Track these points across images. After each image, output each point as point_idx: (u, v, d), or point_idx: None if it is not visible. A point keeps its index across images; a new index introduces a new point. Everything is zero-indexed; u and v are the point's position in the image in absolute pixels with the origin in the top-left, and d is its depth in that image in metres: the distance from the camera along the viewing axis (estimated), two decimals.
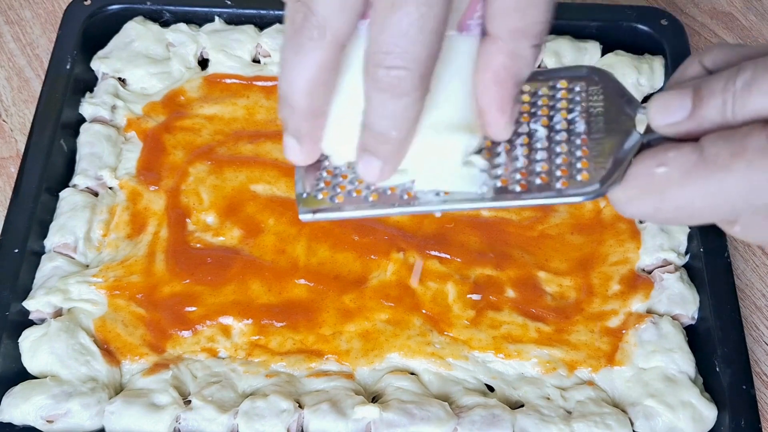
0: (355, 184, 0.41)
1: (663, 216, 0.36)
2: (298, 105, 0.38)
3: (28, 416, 0.61)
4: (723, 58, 0.37)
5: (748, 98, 0.33)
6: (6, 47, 0.90)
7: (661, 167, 0.35)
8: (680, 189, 0.35)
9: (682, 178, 0.35)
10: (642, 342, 0.66)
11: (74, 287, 0.68)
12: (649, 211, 0.36)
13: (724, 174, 0.33)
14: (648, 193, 0.36)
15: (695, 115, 0.35)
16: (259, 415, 0.61)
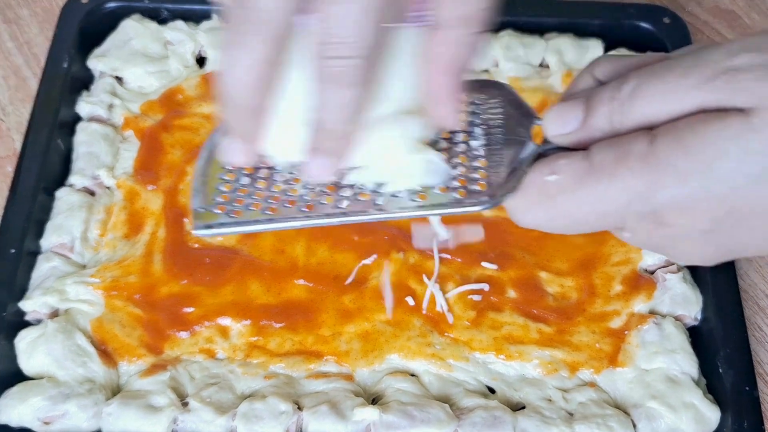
0: (253, 197, 0.41)
1: (556, 224, 0.37)
2: (239, 103, 0.37)
3: (25, 418, 0.61)
4: (612, 69, 0.38)
5: (632, 106, 0.34)
6: (3, 46, 0.89)
7: (552, 175, 0.36)
8: (571, 196, 0.35)
9: (572, 185, 0.35)
10: (644, 343, 0.65)
11: (71, 288, 0.67)
12: (543, 220, 0.37)
13: (609, 180, 0.34)
14: (541, 202, 0.37)
15: (586, 125, 0.36)
16: (257, 417, 0.60)
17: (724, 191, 0.32)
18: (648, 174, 0.33)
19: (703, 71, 0.33)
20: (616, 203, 0.34)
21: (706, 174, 0.32)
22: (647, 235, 0.36)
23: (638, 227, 0.35)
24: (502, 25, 0.83)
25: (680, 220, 0.34)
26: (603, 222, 0.36)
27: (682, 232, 0.34)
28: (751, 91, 0.31)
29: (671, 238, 0.35)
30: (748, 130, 0.31)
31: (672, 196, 0.33)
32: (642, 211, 0.34)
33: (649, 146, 0.33)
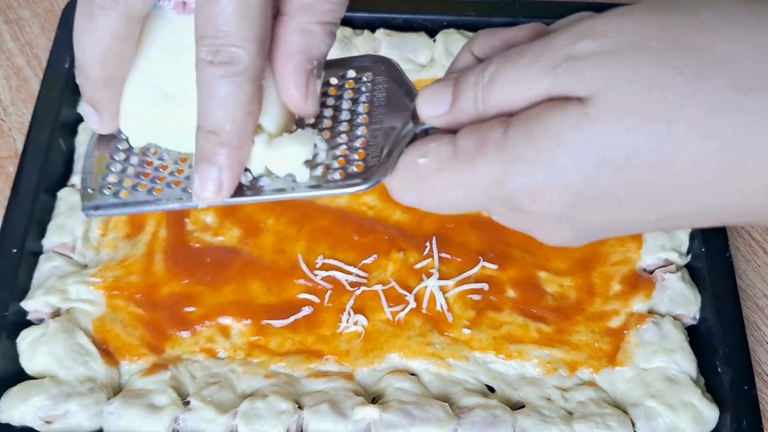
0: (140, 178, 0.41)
1: (428, 204, 0.37)
2: (91, 73, 0.38)
3: (27, 417, 0.61)
4: (488, 45, 0.38)
5: (491, 92, 0.35)
6: (4, 46, 0.89)
7: (422, 158, 0.36)
8: (437, 180, 0.36)
9: (439, 169, 0.36)
10: (643, 342, 0.66)
11: (73, 287, 0.68)
12: (415, 201, 0.38)
13: (469, 168, 0.35)
14: (412, 183, 0.37)
15: (454, 108, 0.36)
16: (258, 416, 0.61)
17: (569, 180, 0.33)
18: (501, 163, 0.34)
19: (549, 58, 0.33)
20: (476, 189, 0.35)
21: (550, 163, 0.33)
22: (510, 218, 0.37)
23: (500, 211, 0.36)
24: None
25: (533, 207, 0.34)
26: (469, 206, 0.36)
27: (539, 218, 0.35)
28: (588, 79, 0.32)
29: (531, 222, 0.36)
30: (585, 120, 0.31)
31: (521, 184, 0.34)
32: (499, 197, 0.35)
33: (503, 135, 0.34)
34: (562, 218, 0.35)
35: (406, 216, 0.74)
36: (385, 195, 0.74)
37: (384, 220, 0.74)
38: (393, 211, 0.74)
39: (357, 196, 0.75)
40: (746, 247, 0.77)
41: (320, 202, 0.75)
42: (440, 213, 0.38)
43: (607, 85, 0.31)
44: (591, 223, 0.35)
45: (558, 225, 0.35)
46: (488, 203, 0.36)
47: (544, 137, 0.32)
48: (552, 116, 0.32)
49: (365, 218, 0.74)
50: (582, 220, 0.35)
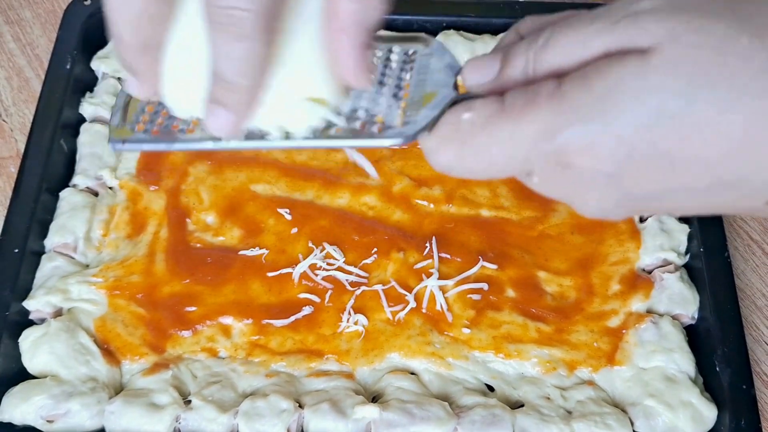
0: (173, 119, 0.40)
1: (466, 164, 0.36)
2: (124, 38, 0.36)
3: (28, 416, 0.61)
4: (535, 25, 0.38)
5: (544, 56, 0.34)
6: (6, 47, 0.90)
7: (466, 113, 0.36)
8: (480, 135, 0.35)
9: (483, 124, 0.35)
10: (642, 342, 0.66)
11: (74, 287, 0.68)
12: (454, 159, 0.37)
13: (517, 119, 0.34)
14: (453, 140, 0.36)
15: (502, 75, 0.36)
16: (259, 415, 0.61)
17: (625, 130, 0.32)
18: (553, 112, 0.33)
19: (609, 17, 0.33)
20: (523, 142, 0.34)
21: (607, 112, 0.32)
22: (554, 179, 0.35)
23: (545, 170, 0.35)
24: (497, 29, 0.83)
25: (584, 161, 0.33)
26: (512, 164, 0.35)
27: (587, 176, 0.34)
28: (650, 31, 0.32)
29: (577, 183, 0.35)
30: (646, 68, 0.31)
31: (575, 133, 0.33)
32: (547, 151, 0.34)
33: (557, 88, 0.33)
34: (612, 177, 0.33)
35: (406, 216, 0.74)
36: (386, 195, 0.75)
37: (384, 220, 0.74)
38: (393, 211, 0.75)
39: (357, 196, 0.75)
40: (744, 247, 0.77)
41: (320, 202, 0.75)
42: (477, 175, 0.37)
43: (670, 36, 0.31)
44: (640, 187, 0.33)
45: (606, 186, 0.34)
46: (534, 159, 0.34)
47: (601, 86, 0.32)
48: (611, 66, 0.32)
49: (365, 218, 0.74)
50: (631, 182, 0.33)
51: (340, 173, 0.77)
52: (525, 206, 0.75)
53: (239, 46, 0.34)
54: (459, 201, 0.75)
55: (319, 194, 0.76)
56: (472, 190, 0.76)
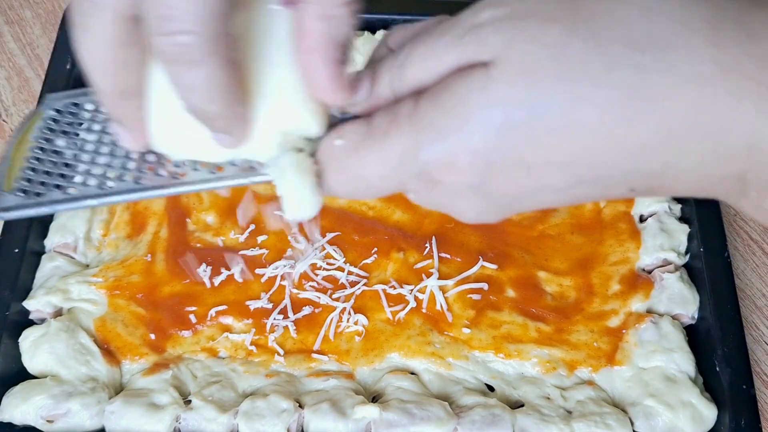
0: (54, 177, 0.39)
1: (346, 189, 0.37)
2: (102, 88, 0.36)
3: (28, 416, 0.61)
4: (401, 37, 0.38)
5: (405, 73, 0.35)
6: (6, 47, 0.90)
7: (338, 140, 0.36)
8: (354, 159, 0.36)
9: (355, 148, 0.36)
10: (642, 342, 0.66)
11: (74, 287, 0.68)
12: (333, 185, 0.37)
13: (382, 142, 0.35)
14: (332, 167, 0.37)
15: (373, 95, 0.37)
16: (259, 415, 0.61)
17: (478, 144, 0.33)
18: (412, 133, 0.34)
19: (455, 30, 0.34)
20: (391, 163, 0.35)
21: (459, 128, 0.33)
22: (427, 194, 0.36)
23: (417, 187, 0.36)
24: None
25: (447, 177, 0.34)
26: (387, 184, 0.36)
27: (454, 189, 0.35)
28: (489, 44, 0.32)
29: (448, 196, 0.36)
30: (488, 82, 0.32)
31: (434, 152, 0.34)
32: (414, 171, 0.35)
33: (414, 107, 0.34)
34: (477, 188, 0.35)
35: (406, 216, 0.74)
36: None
37: (384, 220, 0.74)
38: (393, 211, 0.75)
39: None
40: (745, 247, 0.77)
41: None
42: (361, 197, 0.38)
43: (508, 47, 0.32)
44: (504, 192, 0.35)
45: (473, 196, 0.35)
46: (405, 179, 0.36)
47: (451, 103, 0.33)
48: (458, 82, 0.33)
49: (365, 218, 0.74)
50: (495, 189, 0.35)
51: None
52: None
53: (194, 74, 0.33)
54: None
55: None
56: None
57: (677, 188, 0.34)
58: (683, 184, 0.33)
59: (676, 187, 0.34)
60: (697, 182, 0.33)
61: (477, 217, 0.37)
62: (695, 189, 0.34)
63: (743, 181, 0.32)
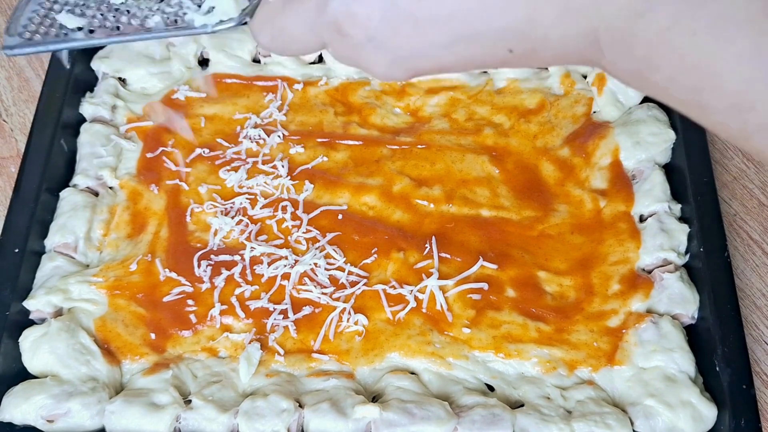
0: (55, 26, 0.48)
1: (277, 42, 0.44)
2: None
3: (29, 416, 0.61)
4: None
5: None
6: None
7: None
8: (281, 15, 0.42)
9: (282, 6, 0.42)
10: (642, 341, 0.66)
11: (74, 287, 0.68)
12: (267, 38, 0.44)
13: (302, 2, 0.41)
14: (266, 22, 0.43)
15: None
16: (259, 415, 0.61)
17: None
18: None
19: None
20: (309, 17, 0.41)
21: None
22: (340, 47, 0.41)
23: (333, 40, 0.41)
24: None
25: (351, 29, 0.40)
26: (309, 38, 0.42)
27: (359, 42, 0.40)
28: None
29: (356, 49, 0.41)
30: None
31: (339, 6, 0.39)
32: (326, 22, 0.40)
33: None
34: (376, 39, 0.39)
35: (406, 216, 0.74)
36: (386, 195, 0.75)
37: (384, 220, 0.74)
38: (393, 211, 0.75)
39: (357, 196, 0.75)
40: (744, 247, 0.78)
41: (321, 201, 0.75)
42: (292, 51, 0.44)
43: None
44: (400, 46, 0.39)
45: (375, 48, 0.40)
46: (320, 31, 0.41)
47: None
48: None
49: (365, 218, 0.74)
50: (392, 43, 0.39)
51: (341, 173, 0.77)
52: (525, 206, 0.75)
53: None
54: (459, 201, 0.75)
55: (320, 194, 0.76)
56: (472, 190, 0.76)
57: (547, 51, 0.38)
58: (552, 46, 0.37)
59: (546, 48, 0.38)
60: (561, 44, 0.37)
61: (385, 72, 0.41)
62: (562, 53, 0.38)
63: (597, 40, 0.36)
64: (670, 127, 0.77)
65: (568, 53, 0.38)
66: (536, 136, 0.80)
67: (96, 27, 0.47)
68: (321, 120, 0.81)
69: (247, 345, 0.66)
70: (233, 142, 0.79)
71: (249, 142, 0.79)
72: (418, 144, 0.79)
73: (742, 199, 0.81)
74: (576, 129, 0.80)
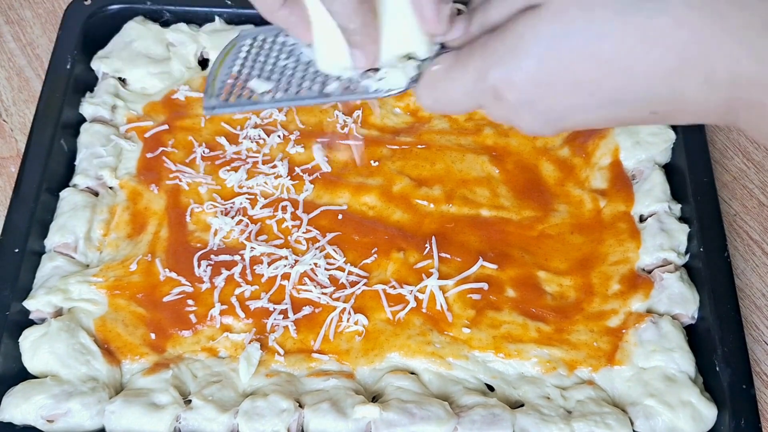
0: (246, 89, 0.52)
1: (440, 106, 0.48)
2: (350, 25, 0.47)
3: (29, 416, 0.61)
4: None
5: (487, 13, 0.45)
6: (6, 47, 0.90)
7: (435, 66, 0.47)
8: (444, 80, 0.46)
9: (445, 73, 0.46)
10: (642, 341, 0.66)
11: (74, 287, 0.68)
12: (431, 102, 0.48)
13: (463, 68, 0.45)
14: (429, 86, 0.47)
15: (468, 33, 0.47)
16: (259, 415, 0.61)
17: (530, 67, 0.42)
18: (482, 60, 0.43)
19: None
20: (469, 83, 0.44)
21: (516, 56, 0.42)
22: (496, 108, 0.45)
23: (489, 103, 0.45)
24: None
25: (508, 94, 0.43)
26: (468, 101, 0.46)
27: (514, 105, 0.44)
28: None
29: (511, 110, 0.45)
30: (537, 20, 0.41)
31: (497, 74, 0.43)
32: (484, 88, 0.44)
33: (486, 40, 0.44)
34: (531, 102, 0.43)
35: (406, 216, 0.74)
36: (386, 195, 0.75)
37: (384, 220, 0.74)
38: (393, 211, 0.75)
39: (357, 196, 0.75)
40: (744, 247, 0.78)
41: (321, 201, 0.75)
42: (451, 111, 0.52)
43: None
44: (552, 109, 0.43)
45: (529, 110, 0.44)
46: (479, 95, 0.45)
47: (511, 36, 0.42)
48: (518, 20, 0.42)
49: (365, 218, 0.74)
50: (544, 105, 0.43)
51: (340, 173, 0.77)
52: (525, 206, 0.75)
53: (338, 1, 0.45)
54: (459, 201, 0.75)
55: (320, 194, 0.76)
56: (472, 190, 0.76)
57: (687, 113, 0.42)
58: (692, 109, 0.41)
59: (686, 112, 0.41)
60: (702, 106, 0.41)
61: (533, 130, 0.46)
62: (701, 114, 0.42)
63: (734, 107, 0.40)
64: (670, 127, 0.77)
65: (707, 115, 0.42)
66: (536, 136, 0.80)
67: (282, 91, 0.51)
68: (321, 120, 0.81)
69: (247, 345, 0.66)
70: (233, 142, 0.79)
71: (249, 142, 0.79)
72: (418, 144, 0.79)
73: (742, 199, 0.81)
74: None
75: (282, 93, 0.51)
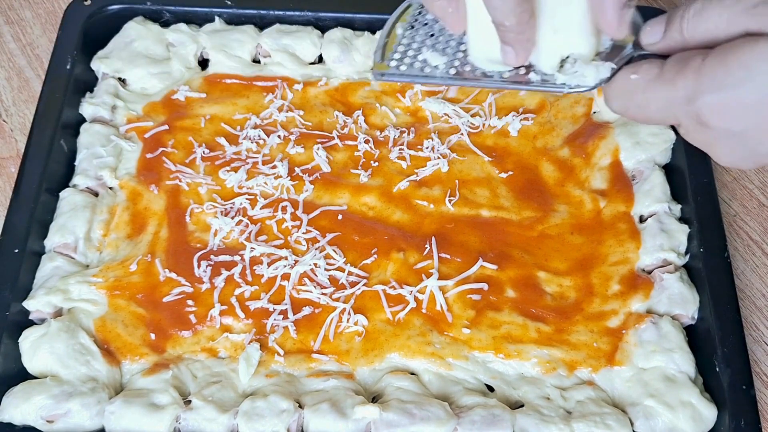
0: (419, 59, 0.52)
1: (630, 113, 0.47)
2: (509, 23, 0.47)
3: (29, 416, 0.61)
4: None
5: (697, 24, 0.44)
6: (6, 47, 0.90)
7: (634, 74, 0.46)
8: (642, 93, 0.46)
9: (645, 85, 0.45)
10: (642, 342, 0.66)
11: (74, 287, 0.68)
12: (622, 108, 0.47)
13: (670, 86, 0.44)
14: (623, 93, 0.47)
15: (665, 38, 0.46)
16: (259, 415, 0.61)
17: (752, 101, 0.41)
18: (696, 83, 0.42)
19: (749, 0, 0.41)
20: (673, 103, 0.44)
21: (737, 86, 0.41)
22: (696, 133, 0.45)
23: (689, 125, 0.44)
24: None
25: (717, 123, 0.42)
26: (663, 117, 0.45)
27: (720, 134, 0.43)
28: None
29: (713, 138, 0.44)
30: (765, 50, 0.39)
31: (711, 101, 0.42)
32: (690, 112, 0.43)
33: (702, 62, 0.42)
34: (740, 135, 0.42)
35: (406, 216, 0.74)
36: (386, 195, 0.75)
37: (384, 220, 0.74)
38: (393, 211, 0.75)
39: (357, 196, 0.75)
40: (744, 248, 0.78)
41: (321, 201, 0.75)
42: (638, 121, 0.50)
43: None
44: (762, 145, 0.43)
45: (735, 142, 0.43)
46: (679, 117, 0.44)
47: (735, 64, 0.41)
48: (744, 48, 0.40)
49: (365, 218, 0.74)
50: (755, 140, 0.42)
51: (340, 173, 0.77)
52: (525, 206, 0.75)
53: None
54: (459, 201, 0.75)
55: (320, 194, 0.76)
56: (472, 190, 0.76)
57: None
58: None
59: None
60: None
61: (731, 161, 0.45)
62: None
63: None
64: (669, 127, 0.77)
65: None
66: (536, 136, 0.80)
67: (456, 67, 0.51)
68: (321, 120, 0.81)
69: (246, 345, 0.66)
70: (233, 143, 0.79)
71: (249, 142, 0.79)
72: (418, 144, 0.79)
73: (742, 199, 0.81)
74: (576, 129, 0.80)
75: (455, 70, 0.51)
